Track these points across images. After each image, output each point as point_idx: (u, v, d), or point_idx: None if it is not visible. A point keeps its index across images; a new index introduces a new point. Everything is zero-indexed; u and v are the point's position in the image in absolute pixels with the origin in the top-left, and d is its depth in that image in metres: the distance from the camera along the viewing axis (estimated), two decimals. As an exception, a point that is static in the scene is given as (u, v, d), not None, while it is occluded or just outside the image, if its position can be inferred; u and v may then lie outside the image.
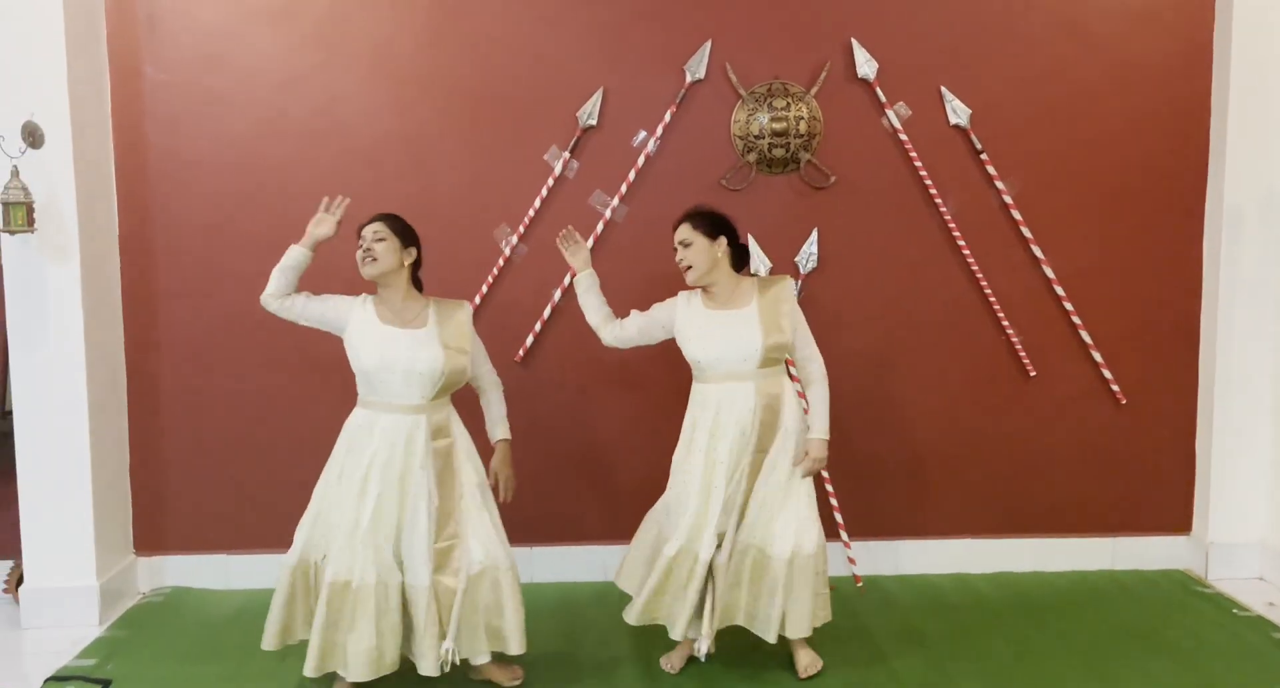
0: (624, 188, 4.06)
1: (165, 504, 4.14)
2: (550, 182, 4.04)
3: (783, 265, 4.10)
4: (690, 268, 3.25)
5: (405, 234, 3.16)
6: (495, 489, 3.26)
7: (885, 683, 3.29)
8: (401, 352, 3.02)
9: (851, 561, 4.15)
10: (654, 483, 3.49)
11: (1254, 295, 4.08)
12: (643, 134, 4.05)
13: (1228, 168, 4.04)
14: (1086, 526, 4.27)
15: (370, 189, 4.04)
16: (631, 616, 3.27)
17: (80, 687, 3.28)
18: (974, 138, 4.07)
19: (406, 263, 3.14)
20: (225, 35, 3.98)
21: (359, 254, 3.10)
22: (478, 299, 4.05)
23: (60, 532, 3.80)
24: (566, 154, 4.03)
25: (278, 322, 4.09)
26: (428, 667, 3.01)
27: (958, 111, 4.06)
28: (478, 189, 4.07)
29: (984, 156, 4.07)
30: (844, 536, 4.15)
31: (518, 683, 3.25)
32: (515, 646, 3.11)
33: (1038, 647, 3.52)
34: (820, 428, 3.27)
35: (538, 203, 4.04)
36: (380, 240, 3.09)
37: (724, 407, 3.20)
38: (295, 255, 3.12)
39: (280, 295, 3.11)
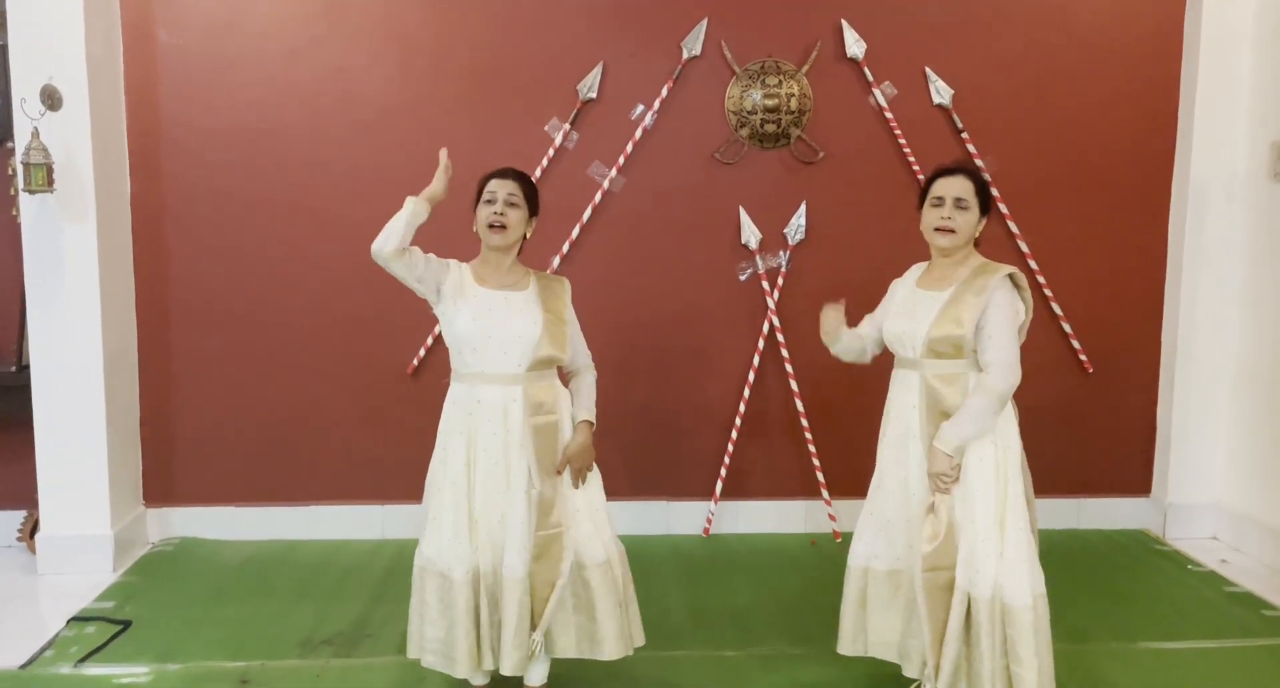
0: (621, 159, 4.22)
1: (174, 457, 4.29)
2: (550, 152, 4.19)
3: (772, 237, 4.28)
4: (954, 232, 2.75)
5: (534, 201, 2.84)
6: (566, 475, 2.84)
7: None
8: (498, 315, 2.73)
9: (832, 517, 4.37)
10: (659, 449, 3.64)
11: (1216, 270, 4.31)
12: (640, 108, 4.21)
13: (1194, 148, 4.25)
14: (1053, 487, 4.48)
15: (376, 157, 4.20)
16: None
17: (101, 627, 3.44)
18: (955, 117, 4.26)
19: (529, 234, 2.85)
20: (237, 2, 4.09)
21: (485, 213, 2.76)
22: (479, 264, 4.22)
23: (75, 482, 3.95)
24: (567, 126, 4.19)
25: (284, 282, 4.27)
26: (510, 665, 2.73)
27: (941, 91, 4.24)
28: (480, 158, 4.18)
29: (964, 135, 4.26)
30: (825, 493, 4.36)
31: None
32: (610, 648, 2.80)
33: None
34: (944, 438, 2.71)
35: (538, 172, 4.19)
36: (513, 206, 2.76)
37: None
38: (419, 212, 2.75)
39: (400, 249, 2.71)
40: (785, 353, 4.32)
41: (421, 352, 4.26)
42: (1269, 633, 3.47)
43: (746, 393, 4.33)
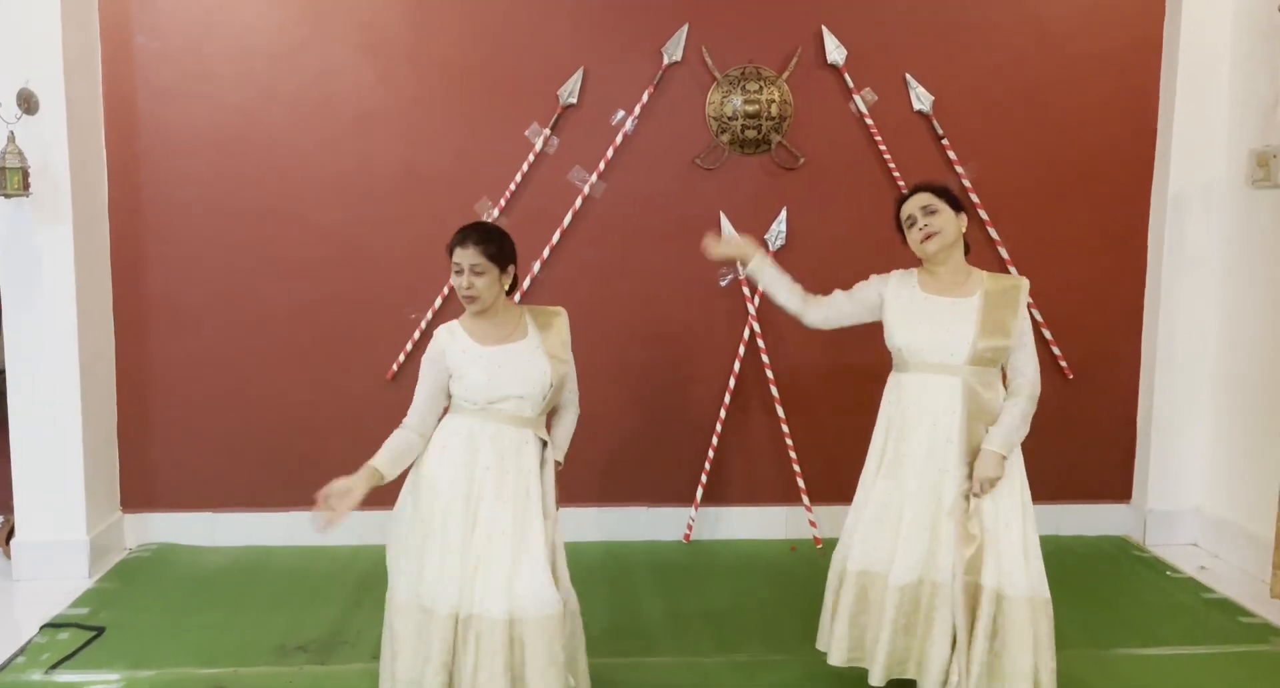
0: (602, 165, 4.22)
1: (151, 463, 4.27)
2: (531, 157, 4.19)
3: (753, 242, 4.28)
4: (936, 234, 2.84)
5: (503, 257, 2.71)
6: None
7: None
8: (507, 370, 2.67)
9: (813, 524, 4.36)
10: (639, 455, 3.64)
11: (1195, 277, 4.32)
12: (621, 113, 4.21)
13: (1173, 156, 4.27)
14: (1034, 493, 4.39)
15: (356, 161, 4.19)
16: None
17: (74, 634, 3.42)
18: (936, 124, 4.27)
19: (506, 286, 2.74)
20: (217, 6, 4.09)
21: (457, 282, 2.68)
22: (459, 269, 4.21)
23: (51, 488, 3.93)
24: (547, 131, 4.19)
25: (262, 286, 4.27)
26: None
27: (921, 98, 4.25)
28: (461, 163, 4.22)
29: (945, 142, 4.27)
30: (805, 500, 4.36)
31: None
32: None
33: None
34: (1000, 443, 2.80)
35: (519, 177, 4.19)
36: (479, 275, 2.65)
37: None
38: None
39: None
40: (766, 359, 4.32)
41: (401, 357, 4.25)
42: (1245, 640, 3.48)
43: (727, 399, 4.33)
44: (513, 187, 4.19)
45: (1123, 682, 3.17)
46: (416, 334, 4.25)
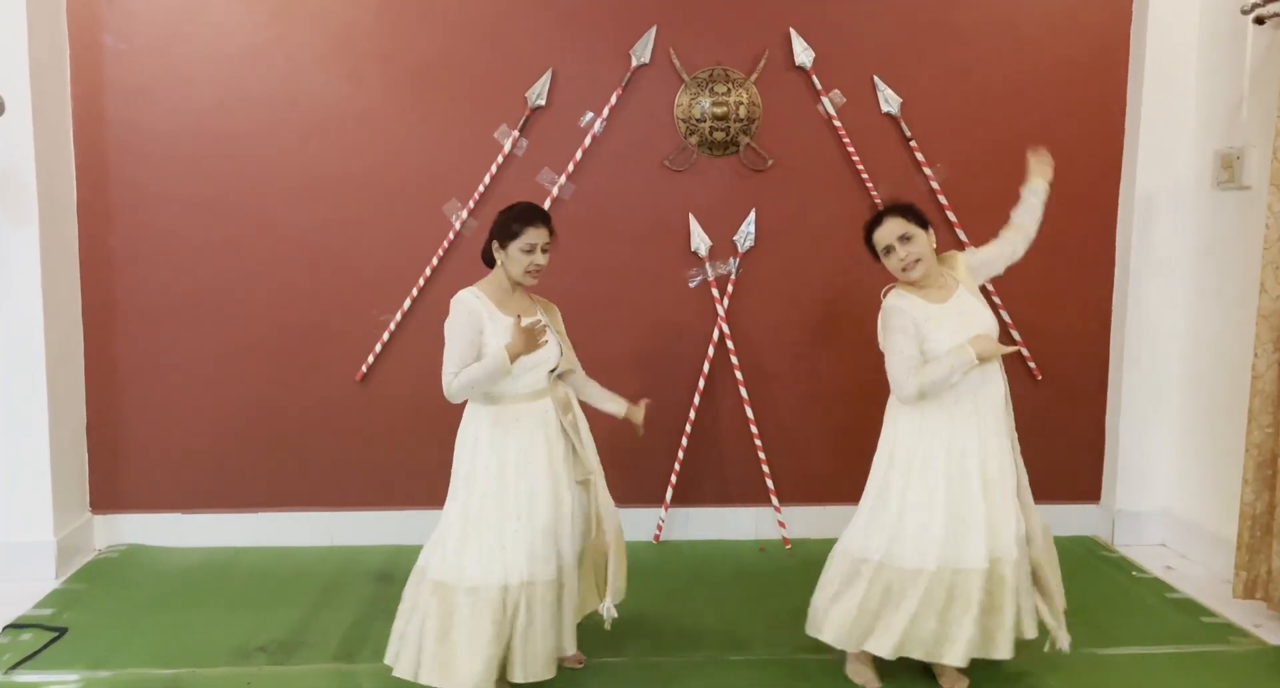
0: (571, 166, 4.23)
1: (121, 464, 4.27)
2: (500, 159, 4.20)
3: (722, 244, 4.29)
4: (919, 262, 3.00)
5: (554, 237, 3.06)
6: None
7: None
8: None
9: (782, 525, 4.38)
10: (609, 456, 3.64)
11: (1162, 278, 4.33)
12: (589, 115, 4.22)
13: (1140, 159, 4.28)
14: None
15: (325, 163, 4.20)
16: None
17: (37, 635, 3.42)
18: (904, 125, 4.28)
19: None
20: (185, 7, 4.09)
21: (524, 260, 2.94)
22: (428, 270, 4.22)
23: (18, 489, 3.93)
24: (516, 133, 4.20)
25: (231, 287, 4.28)
26: (572, 645, 3.01)
27: (889, 100, 4.27)
28: (430, 165, 4.23)
29: (913, 143, 4.29)
30: (775, 500, 4.37)
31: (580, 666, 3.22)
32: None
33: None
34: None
35: (487, 179, 4.20)
36: (546, 253, 2.99)
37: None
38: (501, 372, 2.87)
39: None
40: (735, 360, 4.33)
41: (370, 358, 4.25)
42: (1206, 640, 3.49)
43: (696, 400, 4.34)
44: (481, 188, 4.20)
45: (1080, 681, 3.18)
46: (386, 335, 4.25)
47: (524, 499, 2.89)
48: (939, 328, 2.97)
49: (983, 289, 4.14)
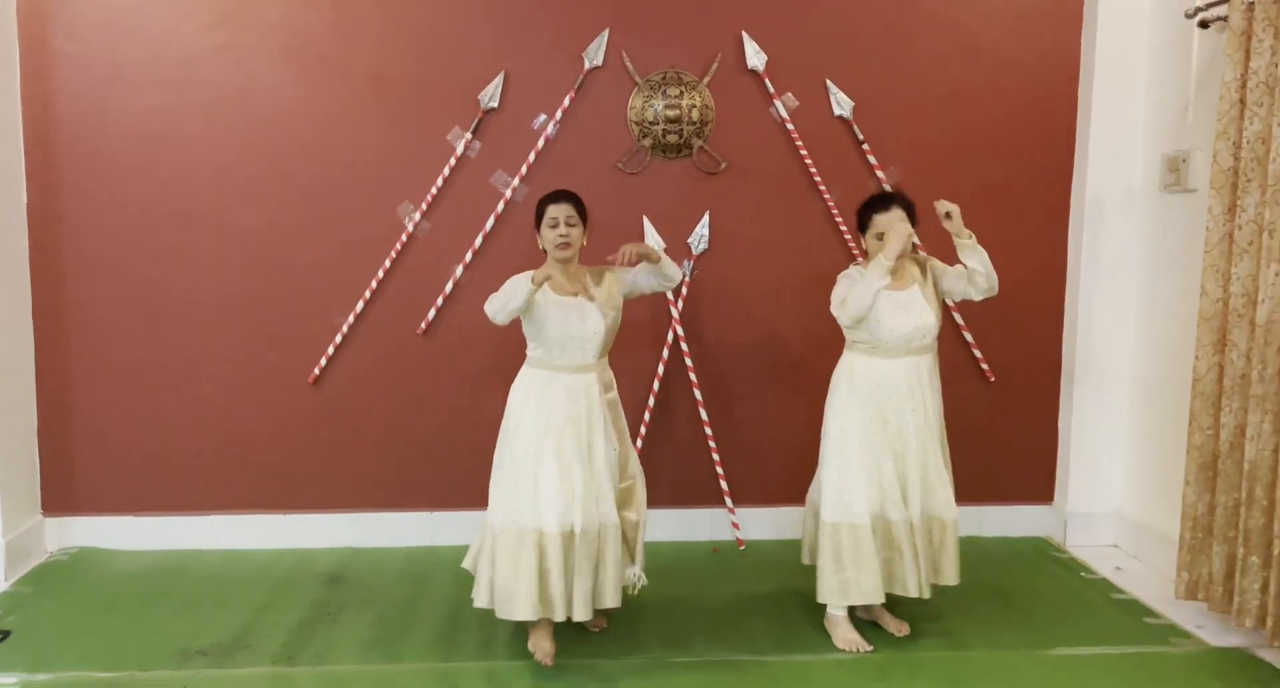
0: (524, 169, 4.23)
1: (73, 466, 4.26)
2: (453, 161, 4.20)
3: (676, 246, 4.30)
4: (900, 254, 3.32)
5: (585, 214, 3.35)
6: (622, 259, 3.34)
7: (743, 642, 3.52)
8: (575, 319, 3.24)
9: (735, 525, 4.39)
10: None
11: (1113, 282, 4.36)
12: (542, 117, 4.22)
13: (1090, 163, 4.31)
14: (956, 495, 4.48)
15: (277, 165, 4.19)
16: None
17: (-20, 638, 3.42)
18: (856, 128, 4.30)
19: (584, 241, 3.36)
20: (135, 9, 4.09)
21: (551, 235, 3.26)
22: (381, 273, 4.22)
23: (-34, 491, 3.91)
24: (469, 135, 4.20)
25: (183, 290, 4.26)
26: (613, 599, 3.26)
27: (841, 103, 4.28)
28: (382, 167, 4.22)
29: (865, 147, 4.31)
30: (729, 502, 4.38)
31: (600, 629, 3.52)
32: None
33: (891, 603, 3.74)
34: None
35: (440, 182, 4.20)
36: (572, 226, 3.27)
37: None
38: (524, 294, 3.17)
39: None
40: (689, 362, 4.34)
41: (323, 361, 4.25)
42: (1146, 640, 3.51)
43: (651, 402, 4.35)
44: (434, 190, 4.21)
45: (1018, 682, 3.19)
46: (338, 338, 4.25)
47: (565, 455, 3.20)
48: (880, 307, 3.30)
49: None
